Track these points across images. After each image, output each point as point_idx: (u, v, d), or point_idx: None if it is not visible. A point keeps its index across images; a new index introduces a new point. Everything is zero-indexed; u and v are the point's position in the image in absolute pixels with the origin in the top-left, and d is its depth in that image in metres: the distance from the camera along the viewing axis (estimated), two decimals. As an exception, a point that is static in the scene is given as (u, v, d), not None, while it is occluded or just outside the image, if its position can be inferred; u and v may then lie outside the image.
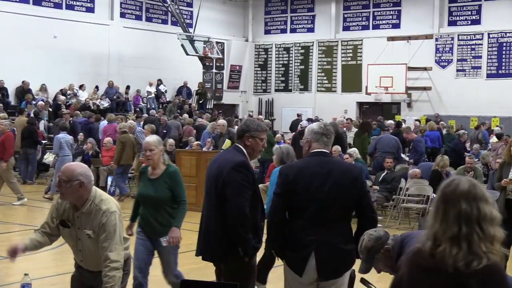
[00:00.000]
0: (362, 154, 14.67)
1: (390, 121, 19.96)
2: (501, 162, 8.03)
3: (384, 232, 4.01)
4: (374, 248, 3.92)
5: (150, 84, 26.48)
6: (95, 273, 4.41)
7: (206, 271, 5.60)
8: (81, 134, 17.90)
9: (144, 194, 5.95)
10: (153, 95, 26.34)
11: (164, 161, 5.92)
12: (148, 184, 5.91)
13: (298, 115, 25.15)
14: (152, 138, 6.00)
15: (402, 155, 15.33)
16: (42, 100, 22.39)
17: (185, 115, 21.92)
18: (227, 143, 13.81)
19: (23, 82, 22.84)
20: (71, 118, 18.91)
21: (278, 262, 4.41)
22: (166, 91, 26.67)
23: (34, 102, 21.43)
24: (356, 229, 4.40)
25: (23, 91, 22.41)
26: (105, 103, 24.27)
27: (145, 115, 22.77)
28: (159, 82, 26.63)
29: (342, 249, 4.29)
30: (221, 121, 15.44)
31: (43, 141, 18.53)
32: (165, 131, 18.79)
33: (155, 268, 8.63)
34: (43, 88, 23.23)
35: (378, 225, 12.76)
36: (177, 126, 19.92)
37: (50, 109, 21.36)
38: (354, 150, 13.52)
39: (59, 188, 4.28)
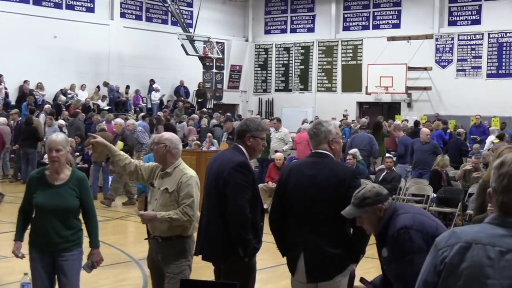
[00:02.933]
0: (383, 148, 15.77)
1: (397, 122, 19.96)
2: (481, 184, 5.34)
3: (387, 193, 3.99)
4: (369, 200, 3.89)
5: (156, 90, 26.34)
6: (161, 243, 4.96)
7: (206, 271, 5.59)
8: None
9: (46, 204, 4.87)
10: (157, 101, 26.19)
11: (69, 164, 5.13)
12: (51, 192, 4.88)
13: (345, 116, 24.82)
14: (60, 137, 5.01)
15: (389, 155, 15.43)
16: (43, 101, 22.39)
17: (196, 116, 22.01)
18: (119, 145, 13.24)
19: (24, 81, 22.84)
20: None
21: (277, 261, 4.41)
22: (159, 90, 26.56)
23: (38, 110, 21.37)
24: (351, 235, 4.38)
25: (24, 94, 22.29)
26: (103, 104, 24.26)
27: (148, 114, 22.77)
28: (152, 82, 26.51)
29: (329, 252, 4.26)
30: (117, 120, 14.45)
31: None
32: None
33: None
34: (40, 87, 23.20)
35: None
36: (181, 127, 19.92)
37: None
38: (356, 151, 13.55)
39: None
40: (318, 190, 4.29)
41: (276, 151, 14.37)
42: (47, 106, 20.67)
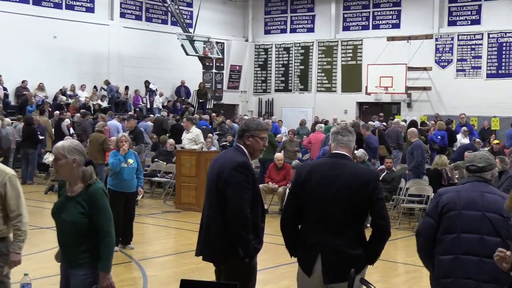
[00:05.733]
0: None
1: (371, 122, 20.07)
2: None
3: (489, 162, 4.36)
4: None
5: (161, 95, 26.28)
6: None
7: (206, 271, 5.59)
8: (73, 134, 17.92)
9: (55, 214, 4.48)
10: (160, 105, 26.04)
11: (83, 177, 4.39)
12: (62, 203, 4.44)
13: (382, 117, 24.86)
14: (62, 143, 4.44)
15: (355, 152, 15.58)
16: (43, 101, 22.37)
17: (197, 116, 22.09)
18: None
19: (23, 82, 22.84)
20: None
21: (277, 262, 4.40)
22: (156, 89, 26.52)
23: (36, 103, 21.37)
24: (369, 236, 4.39)
25: (27, 100, 22.22)
26: (104, 104, 24.29)
27: (148, 115, 22.81)
28: (147, 83, 26.44)
29: (347, 253, 4.27)
30: None
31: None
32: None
33: (155, 267, 8.65)
34: (42, 87, 23.20)
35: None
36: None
37: (50, 109, 21.33)
38: (361, 152, 13.59)
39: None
40: (342, 191, 4.29)
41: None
42: (68, 116, 20.53)
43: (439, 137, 17.84)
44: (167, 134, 18.58)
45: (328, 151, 4.68)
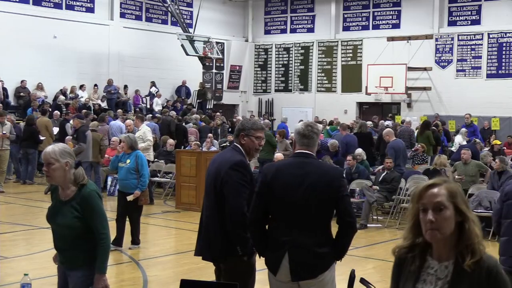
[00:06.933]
0: (429, 148, 16.73)
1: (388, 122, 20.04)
2: None
3: None
4: None
5: (158, 97, 26.28)
6: None
7: (206, 271, 5.59)
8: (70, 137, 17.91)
9: (49, 219, 4.49)
10: (159, 106, 25.96)
11: (75, 179, 4.37)
12: (56, 207, 4.44)
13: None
14: (52, 148, 4.36)
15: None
16: (43, 101, 22.37)
17: (198, 116, 22.13)
18: (69, 145, 13.68)
19: (21, 81, 22.83)
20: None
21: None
22: (157, 92, 26.48)
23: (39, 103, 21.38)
24: (336, 233, 4.39)
25: (29, 100, 22.23)
26: (104, 104, 24.31)
27: (154, 115, 22.81)
28: (152, 84, 26.40)
29: (315, 252, 4.26)
30: None
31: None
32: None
33: (155, 267, 8.66)
34: (41, 87, 23.20)
35: (378, 225, 12.74)
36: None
37: (50, 109, 21.32)
38: (360, 150, 13.60)
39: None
40: (310, 190, 4.29)
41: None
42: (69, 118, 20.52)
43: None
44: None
45: (292, 150, 4.70)
